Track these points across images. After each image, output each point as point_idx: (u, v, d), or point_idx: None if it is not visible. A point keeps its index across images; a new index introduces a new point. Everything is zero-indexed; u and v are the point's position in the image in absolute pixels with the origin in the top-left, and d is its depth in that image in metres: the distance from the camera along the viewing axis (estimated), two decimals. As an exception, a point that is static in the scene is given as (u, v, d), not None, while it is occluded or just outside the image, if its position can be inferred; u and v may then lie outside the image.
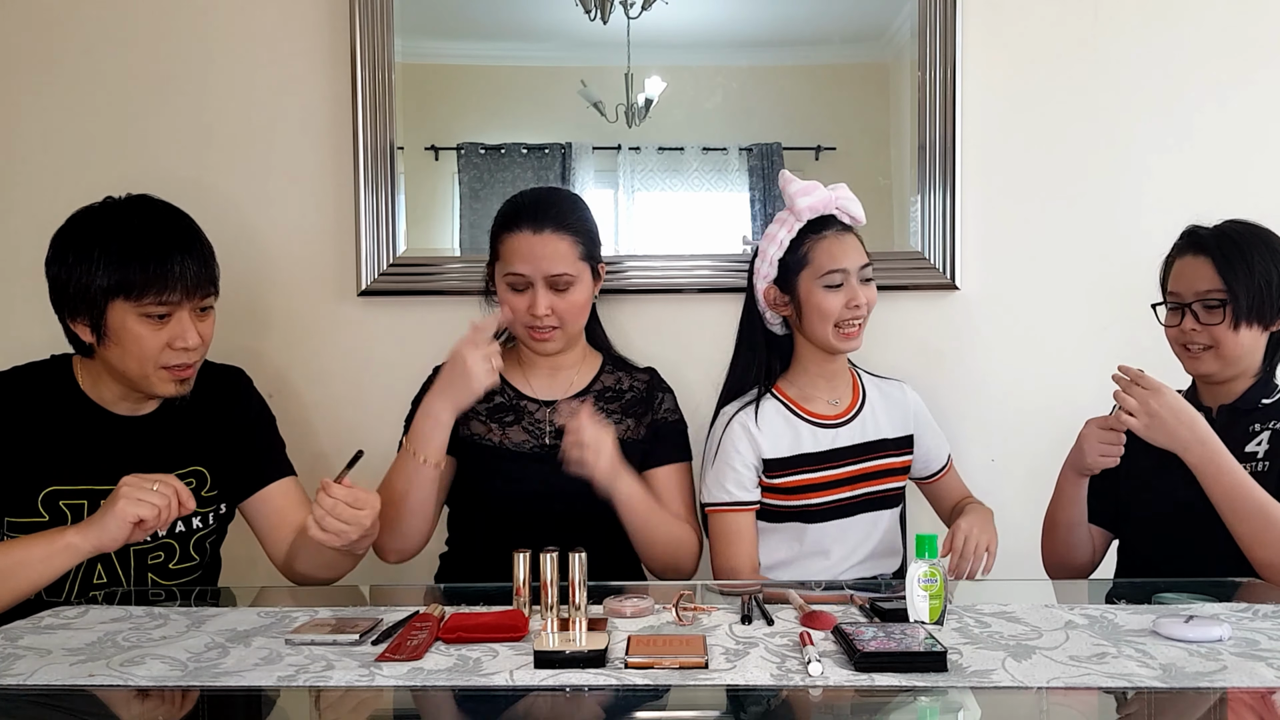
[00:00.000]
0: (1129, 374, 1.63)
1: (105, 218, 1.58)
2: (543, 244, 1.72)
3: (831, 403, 1.87)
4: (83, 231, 1.56)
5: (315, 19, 2.14)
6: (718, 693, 1.09)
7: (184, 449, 1.68)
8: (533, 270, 1.72)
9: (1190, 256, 1.71)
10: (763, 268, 1.85)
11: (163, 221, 1.59)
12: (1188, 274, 1.71)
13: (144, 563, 1.64)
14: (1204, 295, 1.68)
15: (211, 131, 2.15)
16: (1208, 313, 1.68)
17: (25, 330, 1.82)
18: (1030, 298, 2.18)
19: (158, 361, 1.57)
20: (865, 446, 1.85)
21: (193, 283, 1.57)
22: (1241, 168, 2.15)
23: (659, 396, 1.87)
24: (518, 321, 1.77)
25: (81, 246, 1.54)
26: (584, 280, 1.76)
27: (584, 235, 1.76)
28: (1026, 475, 2.13)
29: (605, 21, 2.13)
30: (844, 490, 1.83)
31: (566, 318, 1.75)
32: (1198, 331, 1.68)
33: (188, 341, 1.58)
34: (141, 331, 1.55)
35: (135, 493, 1.41)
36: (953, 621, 1.31)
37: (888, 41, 2.17)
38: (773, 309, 1.86)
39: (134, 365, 1.57)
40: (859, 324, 1.80)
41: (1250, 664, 1.14)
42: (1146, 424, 1.60)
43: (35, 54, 2.15)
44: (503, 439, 1.79)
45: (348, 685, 1.11)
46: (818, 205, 1.80)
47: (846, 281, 1.78)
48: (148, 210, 1.60)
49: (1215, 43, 2.15)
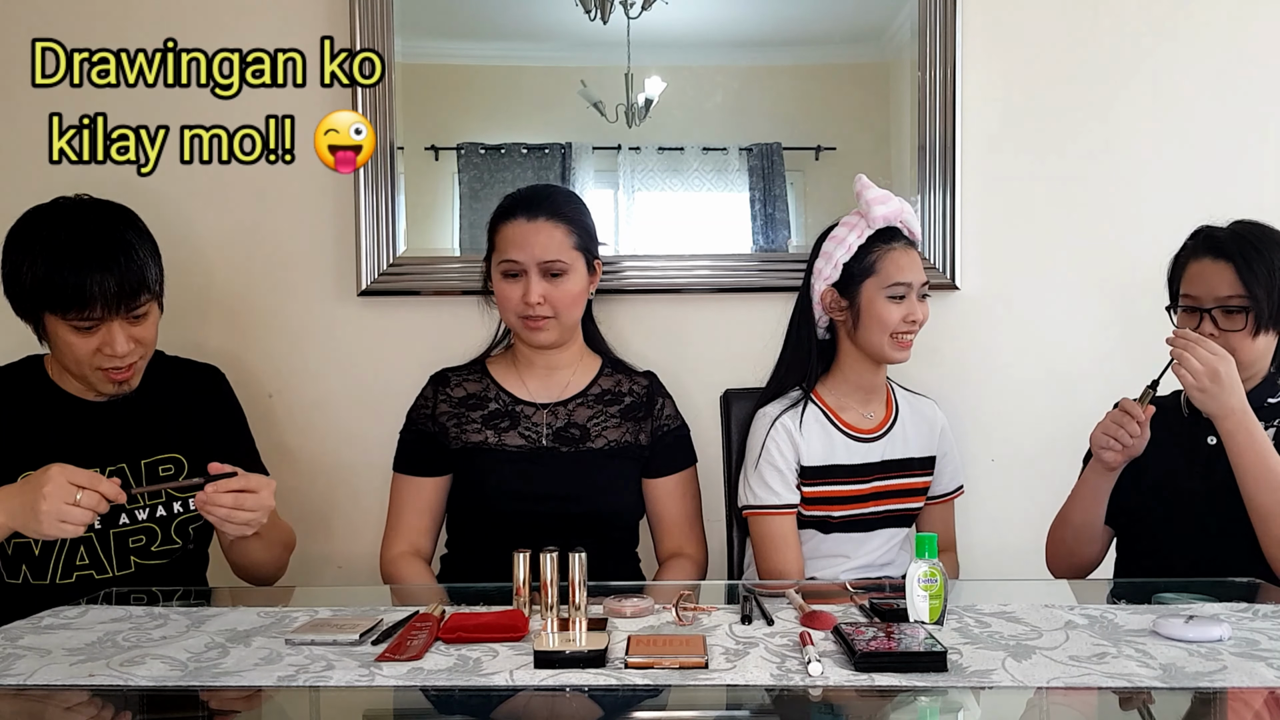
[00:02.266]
0: (1189, 337, 1.60)
1: (42, 224, 1.59)
2: (536, 231, 1.74)
3: (866, 415, 1.86)
4: (24, 237, 1.59)
5: (315, 19, 2.14)
6: (718, 693, 1.09)
7: (160, 436, 1.71)
8: (526, 257, 1.73)
9: (1209, 260, 1.66)
10: (825, 269, 1.82)
11: (89, 235, 1.57)
12: (1207, 277, 1.66)
13: (125, 545, 1.66)
14: (1225, 300, 1.63)
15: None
16: (1227, 318, 1.63)
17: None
18: (1030, 298, 2.18)
19: (92, 364, 1.60)
20: (893, 464, 1.85)
21: (113, 299, 1.56)
22: (1242, 166, 2.15)
23: (659, 402, 1.87)
24: (511, 312, 1.77)
25: (19, 253, 1.57)
26: (577, 270, 1.76)
27: (578, 226, 1.77)
28: (1026, 475, 2.14)
29: (605, 21, 2.13)
30: (866, 505, 1.83)
31: (560, 307, 1.75)
32: (1216, 337, 1.63)
33: (115, 349, 1.58)
34: (72, 339, 1.58)
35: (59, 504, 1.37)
36: (953, 621, 1.31)
37: (888, 41, 2.17)
38: (828, 311, 1.83)
39: (72, 366, 1.62)
40: (912, 336, 1.80)
41: (1250, 664, 1.14)
42: (1206, 387, 1.56)
43: (30, 52, 2.14)
44: (499, 443, 1.79)
45: (348, 685, 1.11)
46: (891, 215, 1.79)
47: (909, 295, 1.78)
48: (80, 219, 1.59)
49: (1216, 41, 2.15)
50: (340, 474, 2.17)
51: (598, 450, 1.79)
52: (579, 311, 1.81)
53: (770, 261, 2.15)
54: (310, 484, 2.17)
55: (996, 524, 2.10)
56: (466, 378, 1.85)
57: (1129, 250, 2.13)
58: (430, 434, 1.81)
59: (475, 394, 1.83)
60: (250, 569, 1.75)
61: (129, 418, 1.69)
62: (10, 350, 1.73)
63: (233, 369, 1.87)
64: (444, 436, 1.80)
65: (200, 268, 2.10)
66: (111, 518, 1.65)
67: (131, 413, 1.69)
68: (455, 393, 1.83)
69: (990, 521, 2.11)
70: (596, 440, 1.80)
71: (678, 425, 1.88)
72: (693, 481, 1.87)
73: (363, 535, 2.05)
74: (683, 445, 1.88)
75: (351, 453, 2.16)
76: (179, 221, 1.67)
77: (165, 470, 1.70)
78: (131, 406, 1.70)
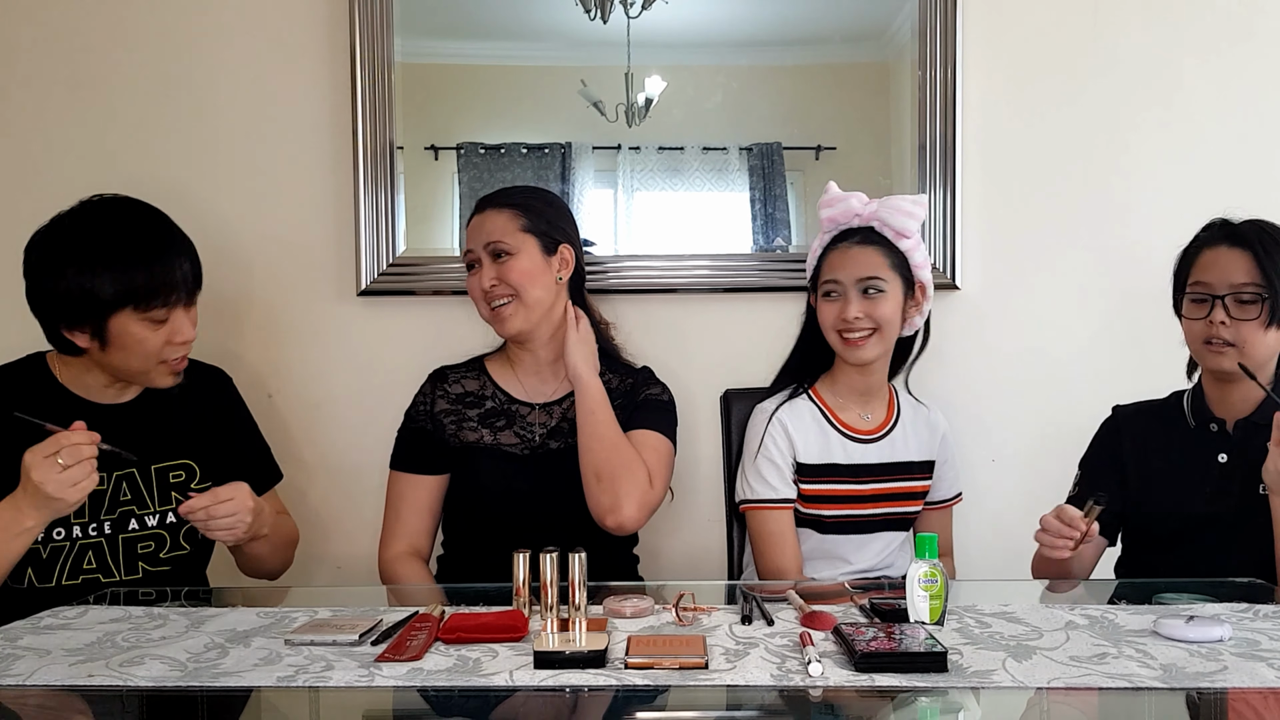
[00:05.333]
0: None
1: (94, 225, 1.57)
2: (485, 220, 1.79)
3: (864, 416, 1.86)
4: (74, 241, 1.56)
5: (315, 19, 2.14)
6: (718, 693, 1.09)
7: (171, 441, 1.71)
8: (476, 243, 1.79)
9: (1225, 247, 1.62)
10: (809, 277, 1.88)
11: (154, 227, 1.61)
12: (1222, 264, 1.61)
13: (134, 551, 1.66)
14: (1239, 288, 1.58)
15: (211, 131, 2.15)
16: (1240, 307, 1.59)
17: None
18: (1030, 298, 2.18)
19: (159, 358, 1.61)
20: (891, 467, 1.85)
21: (192, 283, 1.62)
22: (1243, 166, 2.15)
23: (648, 386, 1.86)
24: (479, 303, 1.80)
25: (79, 258, 1.54)
26: (526, 251, 1.77)
27: (528, 211, 1.79)
28: (1026, 475, 2.14)
29: (605, 21, 2.13)
30: (863, 507, 1.83)
31: (517, 287, 1.76)
32: (1226, 326, 1.59)
33: (186, 336, 1.63)
34: (145, 335, 1.58)
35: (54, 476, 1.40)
36: (953, 621, 1.31)
37: (888, 41, 2.17)
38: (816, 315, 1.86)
39: (136, 363, 1.61)
40: (861, 336, 1.77)
41: (1251, 664, 1.14)
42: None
43: (33, 52, 2.15)
44: (495, 443, 1.79)
45: (347, 686, 1.10)
46: (837, 217, 1.82)
47: (842, 293, 1.77)
48: (136, 215, 1.61)
49: (1216, 41, 2.15)
50: (340, 474, 2.17)
51: None
52: (540, 293, 1.78)
53: (770, 261, 2.15)
54: (310, 484, 2.17)
55: (996, 524, 2.10)
56: (465, 376, 1.86)
57: (1129, 250, 2.14)
58: (428, 431, 1.81)
59: (473, 392, 1.83)
60: (256, 566, 1.77)
61: (138, 419, 1.68)
62: (10, 349, 1.72)
63: (233, 369, 1.87)
64: (441, 434, 1.80)
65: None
66: (121, 523, 1.65)
67: (140, 414, 1.69)
68: (453, 390, 1.83)
69: (990, 521, 2.11)
70: None
71: (665, 400, 1.86)
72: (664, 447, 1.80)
73: (362, 535, 2.05)
74: (664, 416, 1.83)
75: (351, 453, 2.16)
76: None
77: (176, 477, 1.70)
78: (140, 408, 1.69)
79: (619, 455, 1.71)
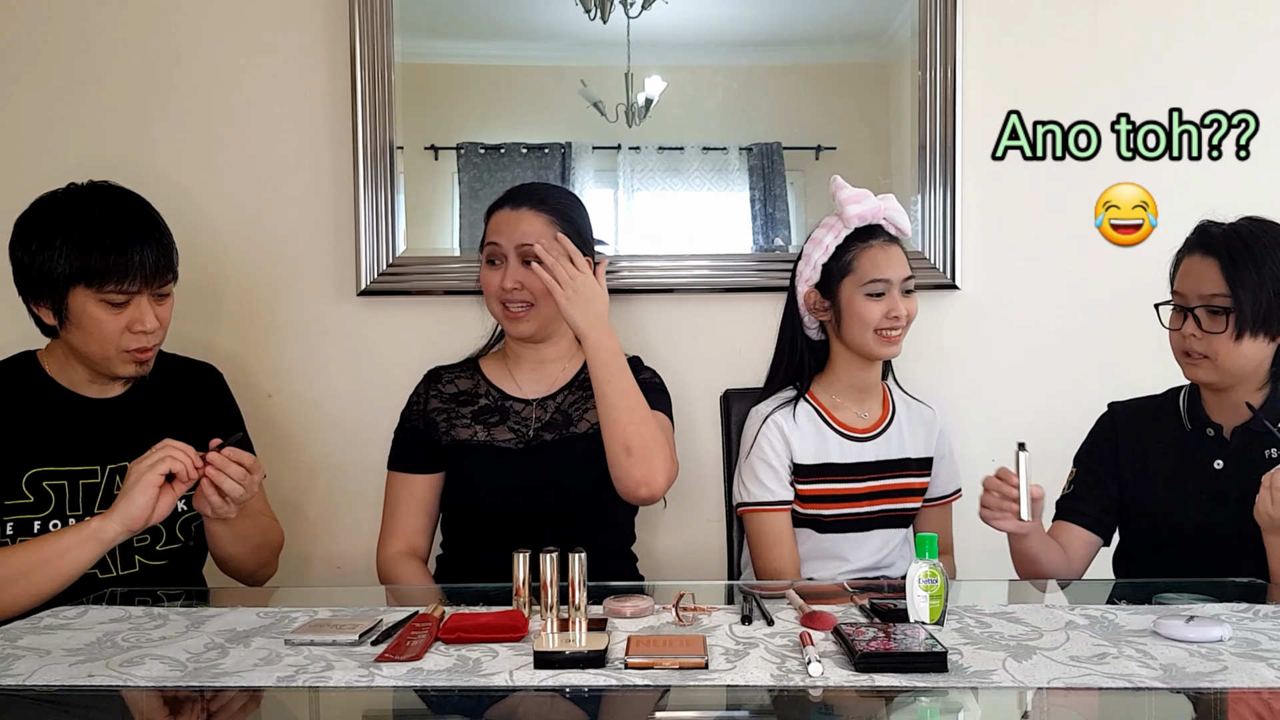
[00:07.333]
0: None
1: (68, 204, 1.61)
2: (518, 218, 1.76)
3: (860, 415, 1.86)
4: (45, 217, 1.60)
5: (315, 19, 2.14)
6: (718, 693, 1.09)
7: (159, 436, 1.69)
8: (505, 240, 1.76)
9: (1198, 256, 1.58)
10: (805, 271, 1.84)
11: (123, 210, 1.62)
12: (1194, 275, 1.58)
13: (130, 545, 1.66)
14: (1208, 300, 1.55)
15: (210, 131, 2.15)
16: (1210, 319, 1.56)
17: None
18: (1030, 298, 2.18)
19: (118, 344, 1.61)
20: (889, 464, 1.85)
21: (151, 271, 1.60)
22: (1243, 165, 2.15)
23: (639, 371, 1.83)
24: (493, 299, 1.79)
25: (44, 232, 1.58)
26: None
27: (561, 217, 1.78)
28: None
29: (605, 21, 2.13)
30: (861, 505, 1.83)
31: (539, 296, 1.75)
32: (1198, 339, 1.57)
33: (146, 325, 1.61)
34: (101, 316, 1.59)
35: (145, 462, 1.45)
36: (953, 621, 1.31)
37: (888, 41, 2.17)
38: (812, 313, 1.84)
39: (95, 347, 1.61)
40: (899, 331, 1.78)
41: (1251, 664, 1.14)
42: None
43: (31, 51, 2.14)
44: (489, 439, 1.79)
45: (347, 686, 1.10)
46: (866, 214, 1.79)
47: (889, 292, 1.77)
48: (109, 198, 1.63)
49: (1216, 41, 2.15)
50: (339, 474, 2.17)
51: (580, 434, 1.78)
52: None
53: (770, 261, 2.15)
54: (310, 484, 2.17)
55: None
56: (459, 375, 1.86)
57: (1129, 250, 2.13)
58: (421, 431, 1.81)
59: (466, 391, 1.83)
60: (228, 561, 1.74)
61: (127, 414, 1.69)
62: (9, 345, 1.72)
63: (232, 368, 1.87)
64: (434, 432, 1.80)
65: (200, 267, 2.09)
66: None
67: (129, 409, 1.69)
68: (447, 389, 1.84)
69: (990, 521, 2.11)
70: (580, 424, 1.79)
71: (652, 378, 1.85)
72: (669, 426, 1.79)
73: (362, 535, 2.04)
74: (655, 391, 1.82)
75: (351, 453, 2.16)
76: (179, 221, 1.67)
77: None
78: (129, 402, 1.70)
79: (648, 427, 1.69)
